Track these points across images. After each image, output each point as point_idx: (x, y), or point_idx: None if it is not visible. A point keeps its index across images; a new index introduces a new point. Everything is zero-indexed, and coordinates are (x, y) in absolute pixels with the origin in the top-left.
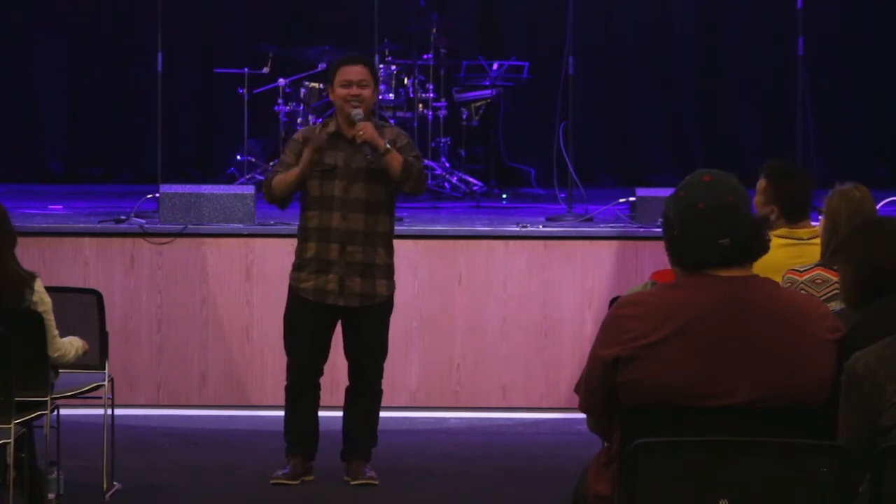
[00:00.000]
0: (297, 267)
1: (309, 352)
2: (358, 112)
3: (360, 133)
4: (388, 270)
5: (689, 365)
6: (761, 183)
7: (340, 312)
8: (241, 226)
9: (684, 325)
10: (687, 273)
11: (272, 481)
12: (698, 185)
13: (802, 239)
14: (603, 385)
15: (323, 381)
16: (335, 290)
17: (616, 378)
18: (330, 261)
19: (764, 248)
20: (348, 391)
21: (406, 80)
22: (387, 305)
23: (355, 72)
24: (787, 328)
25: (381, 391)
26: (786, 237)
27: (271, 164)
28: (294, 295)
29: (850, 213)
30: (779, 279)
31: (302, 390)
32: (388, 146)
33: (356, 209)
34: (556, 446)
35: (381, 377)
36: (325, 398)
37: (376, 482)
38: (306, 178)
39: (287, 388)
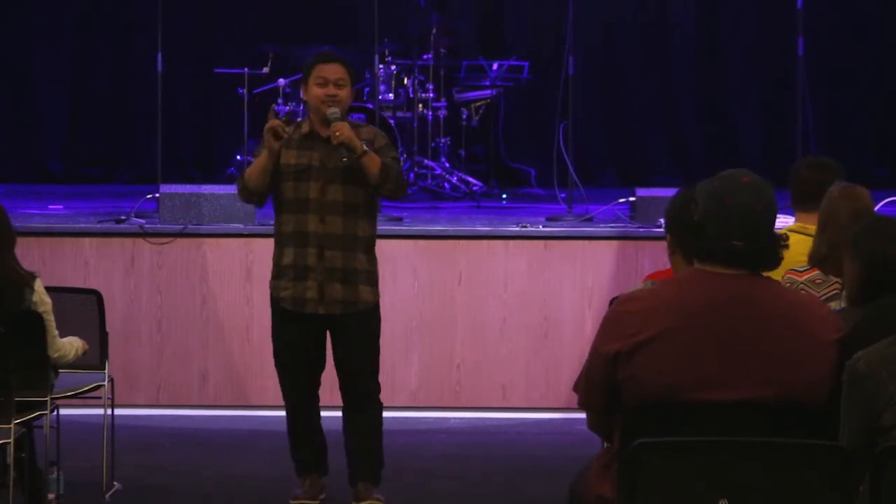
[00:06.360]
0: (276, 275)
1: (299, 367)
2: (334, 111)
3: (337, 134)
4: (371, 277)
5: (689, 361)
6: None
7: (323, 322)
8: (241, 226)
9: (685, 321)
10: (689, 265)
11: (292, 502)
12: (734, 182)
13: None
14: (604, 381)
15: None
16: (314, 298)
17: (617, 374)
18: (308, 266)
19: (775, 262)
20: (344, 411)
21: (406, 80)
22: (372, 314)
23: (332, 70)
24: (788, 326)
25: (380, 405)
26: (798, 232)
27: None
28: (275, 306)
29: (848, 213)
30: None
31: (298, 407)
32: (366, 148)
33: (334, 212)
34: (556, 446)
35: (378, 391)
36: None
37: None
38: (279, 180)
39: (285, 407)
